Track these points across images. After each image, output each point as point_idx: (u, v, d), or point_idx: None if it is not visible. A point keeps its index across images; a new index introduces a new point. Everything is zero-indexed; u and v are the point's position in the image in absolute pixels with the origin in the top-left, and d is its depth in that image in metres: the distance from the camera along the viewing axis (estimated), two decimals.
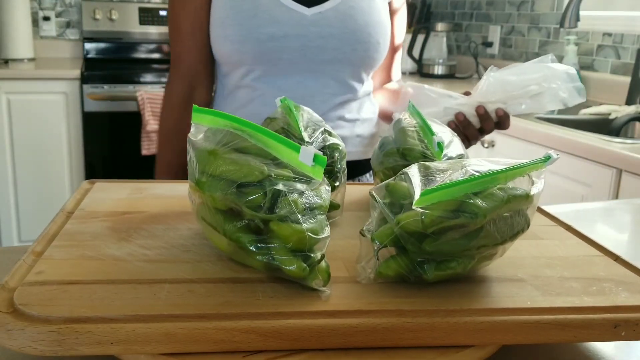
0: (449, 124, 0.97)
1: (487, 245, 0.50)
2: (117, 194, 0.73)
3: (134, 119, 2.37)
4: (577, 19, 2.11)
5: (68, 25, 2.84)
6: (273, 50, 1.00)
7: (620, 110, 1.99)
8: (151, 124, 2.33)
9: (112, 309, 0.46)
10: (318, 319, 0.46)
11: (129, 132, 2.41)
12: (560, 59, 2.52)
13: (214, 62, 1.11)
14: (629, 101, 2.15)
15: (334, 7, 1.02)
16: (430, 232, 0.47)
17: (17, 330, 0.43)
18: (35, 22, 2.75)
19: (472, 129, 0.98)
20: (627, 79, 2.21)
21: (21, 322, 0.44)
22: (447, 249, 0.48)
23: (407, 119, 0.73)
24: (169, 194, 0.74)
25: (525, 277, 0.55)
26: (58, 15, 2.82)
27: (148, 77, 2.47)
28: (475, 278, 0.54)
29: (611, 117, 1.97)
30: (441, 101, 1.00)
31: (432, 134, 0.65)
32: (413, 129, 0.70)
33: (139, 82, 2.42)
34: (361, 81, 1.10)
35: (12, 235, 2.40)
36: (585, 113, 2.04)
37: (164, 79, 2.46)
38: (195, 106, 0.57)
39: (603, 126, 1.92)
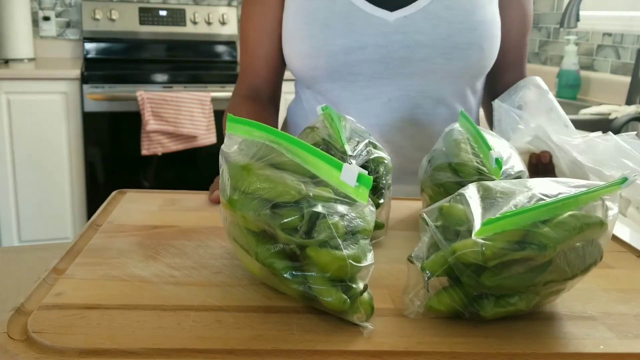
0: (530, 157, 0.76)
1: (556, 281, 0.43)
2: (148, 206, 0.69)
3: (134, 119, 2.37)
4: (577, 19, 2.09)
5: (68, 25, 2.84)
6: (348, 64, 0.85)
7: (620, 110, 1.96)
8: (151, 124, 2.33)
9: (132, 340, 0.42)
10: None
11: (129, 132, 2.40)
12: (560, 59, 2.50)
13: (282, 76, 0.98)
14: (629, 101, 2.11)
15: (423, 8, 0.84)
16: (492, 265, 0.41)
17: None
18: (35, 22, 2.76)
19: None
20: (627, 79, 2.17)
21: (33, 352, 0.41)
22: (509, 284, 0.42)
23: (460, 129, 0.67)
24: (202, 207, 0.70)
25: (595, 314, 0.49)
26: (58, 15, 2.82)
27: (148, 77, 2.46)
28: (538, 315, 0.48)
29: (611, 117, 1.94)
30: (545, 125, 0.75)
31: (489, 148, 0.58)
32: (467, 141, 0.63)
33: (139, 82, 2.42)
34: (464, 98, 0.90)
35: (12, 235, 2.41)
36: (585, 113, 2.00)
37: (164, 79, 2.45)
38: (229, 115, 0.53)
39: (603, 126, 1.87)
